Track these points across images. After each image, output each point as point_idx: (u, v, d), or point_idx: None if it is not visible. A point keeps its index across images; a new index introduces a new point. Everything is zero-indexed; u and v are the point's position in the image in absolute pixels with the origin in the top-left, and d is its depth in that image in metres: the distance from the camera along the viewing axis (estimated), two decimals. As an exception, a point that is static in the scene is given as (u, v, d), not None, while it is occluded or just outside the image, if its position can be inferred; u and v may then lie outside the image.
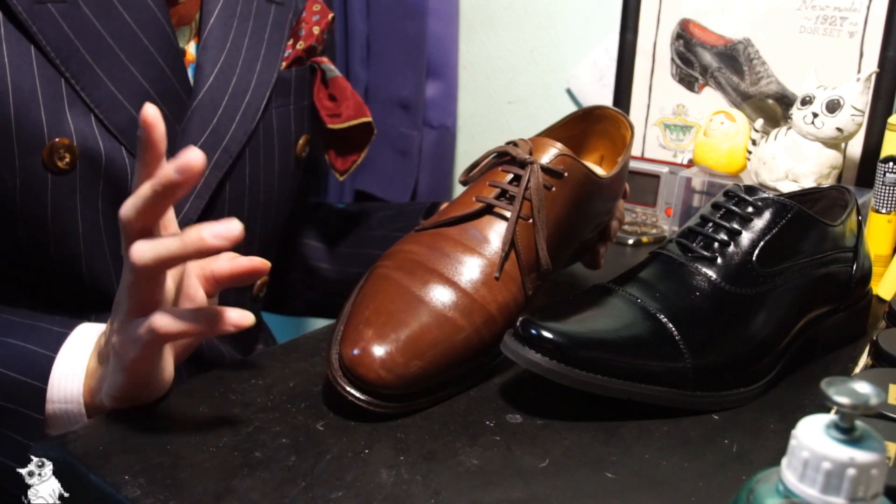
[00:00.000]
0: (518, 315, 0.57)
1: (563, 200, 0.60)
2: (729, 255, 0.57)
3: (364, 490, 0.46)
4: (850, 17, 0.92)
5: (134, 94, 0.62)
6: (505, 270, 0.57)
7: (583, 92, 1.18)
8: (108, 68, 0.61)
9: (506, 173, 0.60)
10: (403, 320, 0.53)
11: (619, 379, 0.52)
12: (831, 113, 0.82)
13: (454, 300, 0.55)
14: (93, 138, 0.61)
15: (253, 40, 0.70)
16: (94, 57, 0.60)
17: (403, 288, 0.55)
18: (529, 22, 1.23)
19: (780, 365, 0.59)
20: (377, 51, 1.31)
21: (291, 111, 0.75)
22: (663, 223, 0.99)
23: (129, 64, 0.62)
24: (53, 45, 0.58)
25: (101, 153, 0.61)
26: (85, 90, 0.60)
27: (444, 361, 0.53)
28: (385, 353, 0.51)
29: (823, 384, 0.31)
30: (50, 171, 0.60)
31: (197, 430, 0.51)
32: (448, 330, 0.54)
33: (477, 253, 0.57)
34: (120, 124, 0.62)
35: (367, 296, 0.55)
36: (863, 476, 0.30)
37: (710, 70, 1.03)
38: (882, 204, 0.80)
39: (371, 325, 0.52)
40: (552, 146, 0.60)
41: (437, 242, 0.58)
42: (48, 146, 0.59)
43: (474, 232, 0.58)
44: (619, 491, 0.46)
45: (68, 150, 0.59)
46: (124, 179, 0.63)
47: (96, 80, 0.60)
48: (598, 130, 0.72)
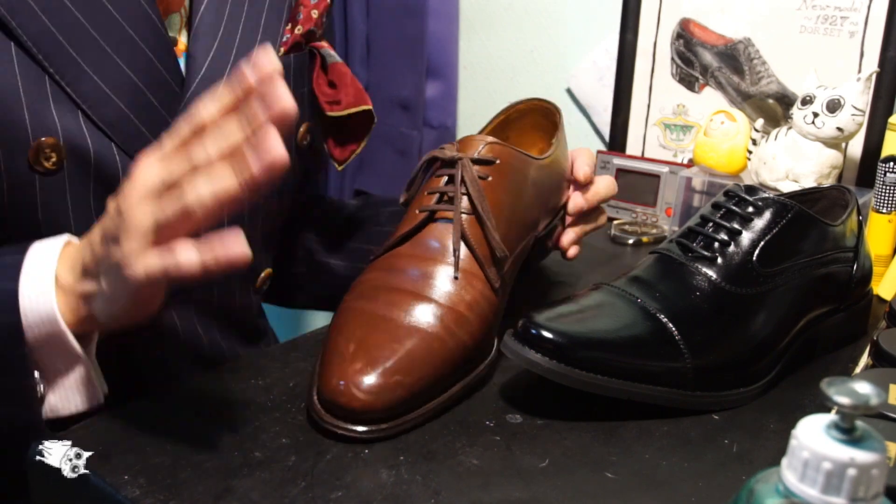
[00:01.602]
0: (491, 310, 0.57)
1: (503, 187, 0.60)
2: (729, 255, 0.57)
3: (364, 490, 0.45)
4: (850, 16, 0.92)
5: (122, 87, 0.60)
6: (463, 269, 0.57)
7: (583, 92, 1.18)
8: (93, 62, 0.59)
9: (440, 177, 0.60)
10: (374, 342, 0.52)
11: (619, 379, 0.52)
12: (832, 113, 0.82)
13: (421, 309, 0.54)
14: (80, 135, 0.59)
15: (248, 26, 0.69)
16: (79, 51, 0.58)
17: (368, 313, 0.54)
18: (529, 22, 1.23)
19: (781, 365, 0.59)
20: (377, 51, 1.31)
21: None
22: (663, 223, 0.99)
23: (116, 56, 0.60)
24: (35, 40, 0.57)
25: (90, 150, 0.60)
26: (70, 86, 0.58)
27: (425, 369, 0.52)
28: (362, 378, 0.50)
29: (824, 384, 0.30)
30: (37, 173, 0.58)
31: (197, 429, 0.51)
32: (421, 338, 0.53)
33: (432, 261, 0.57)
34: (108, 119, 0.60)
35: (335, 331, 0.55)
36: (863, 476, 0.30)
37: (711, 70, 1.03)
38: (882, 204, 0.80)
39: (343, 356, 0.52)
40: (478, 140, 0.61)
41: (393, 263, 0.58)
42: (34, 146, 0.57)
43: (425, 242, 0.58)
44: (619, 491, 0.46)
45: (54, 150, 0.58)
46: (115, 177, 0.61)
47: (82, 75, 0.59)
48: (529, 124, 0.72)
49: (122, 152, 0.61)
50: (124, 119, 0.60)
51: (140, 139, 0.61)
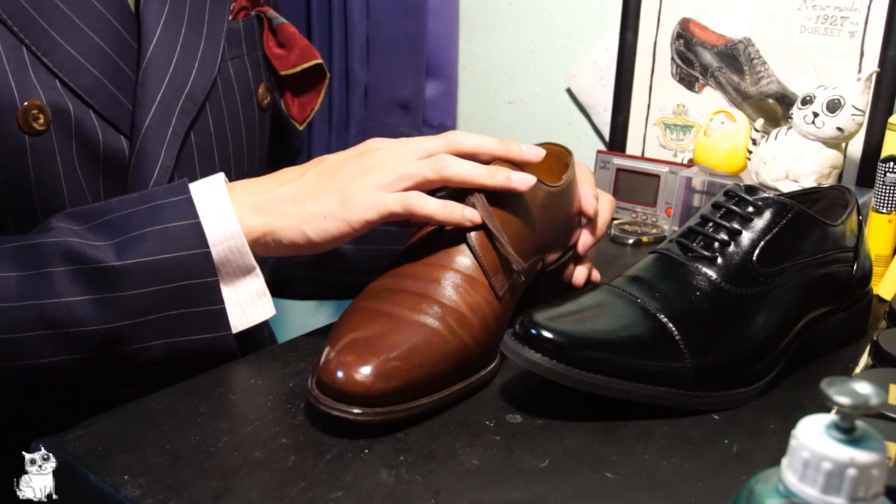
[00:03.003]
0: (494, 316, 0.58)
1: (510, 206, 0.61)
2: (729, 255, 0.57)
3: (364, 490, 0.45)
4: (850, 16, 0.92)
5: (94, 54, 0.63)
6: (469, 276, 0.58)
7: (583, 92, 1.18)
8: (64, 33, 0.62)
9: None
10: (376, 333, 0.53)
11: (619, 379, 0.52)
12: (832, 113, 0.82)
13: (423, 307, 0.55)
14: (62, 100, 0.62)
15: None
16: (50, 23, 0.61)
17: (373, 310, 0.55)
18: (529, 22, 1.23)
19: (781, 365, 0.59)
20: (377, 51, 1.31)
21: (246, 61, 0.76)
22: (663, 223, 0.99)
23: (85, 26, 0.63)
24: (9, 13, 0.60)
25: (71, 114, 0.62)
26: (46, 55, 0.61)
27: (423, 361, 0.52)
28: (360, 361, 0.50)
29: (824, 384, 0.30)
30: (27, 133, 0.61)
31: (197, 430, 0.51)
32: (422, 332, 0.53)
33: (440, 267, 0.58)
34: (85, 85, 0.63)
35: (338, 325, 0.56)
36: (863, 476, 0.30)
37: (711, 70, 1.03)
38: (882, 204, 0.80)
39: (343, 344, 0.52)
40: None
41: (401, 270, 0.59)
42: (21, 109, 0.60)
43: (434, 251, 0.59)
44: (619, 491, 0.46)
45: (41, 111, 0.61)
46: (95, 141, 0.64)
47: (56, 45, 0.62)
48: (543, 167, 0.73)
49: (100, 117, 0.64)
50: (100, 86, 0.64)
51: (116, 104, 0.65)
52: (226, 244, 0.58)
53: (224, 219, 0.58)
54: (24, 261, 0.55)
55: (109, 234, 0.56)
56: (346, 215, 0.58)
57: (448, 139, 0.62)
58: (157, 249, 0.56)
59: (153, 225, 0.57)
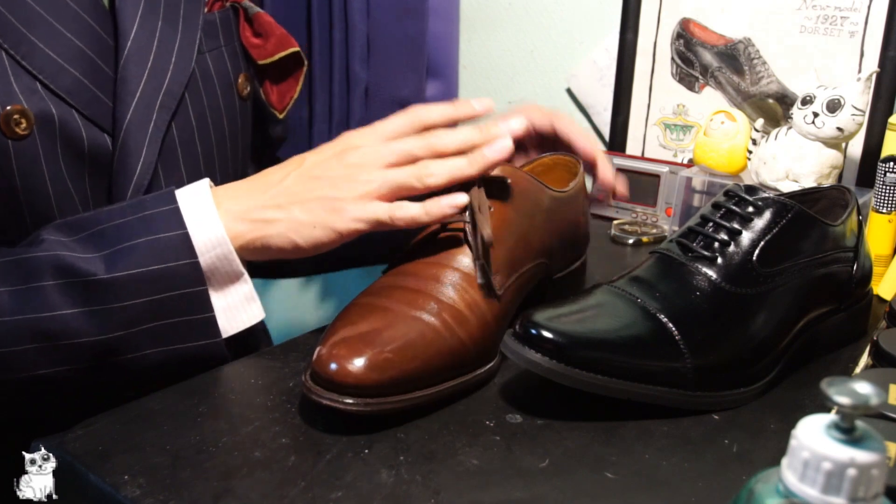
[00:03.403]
0: (492, 314, 0.58)
1: (513, 207, 0.62)
2: (729, 255, 0.57)
3: (364, 490, 0.45)
4: (850, 16, 0.92)
5: (73, 55, 0.64)
6: (468, 275, 0.58)
7: (583, 92, 1.18)
8: (42, 36, 0.62)
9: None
10: (372, 326, 0.53)
11: (619, 379, 0.52)
12: (832, 113, 0.82)
13: (420, 303, 0.55)
14: (44, 104, 0.62)
15: None
16: (27, 27, 0.62)
17: (371, 305, 0.56)
18: (529, 22, 1.23)
19: (781, 365, 0.59)
20: (377, 51, 1.31)
21: (224, 52, 0.76)
22: (663, 223, 0.99)
23: (62, 28, 0.63)
24: None
25: (55, 117, 0.63)
26: (26, 59, 0.61)
27: (418, 355, 0.53)
28: (354, 352, 0.51)
29: (824, 384, 0.30)
30: (10, 139, 0.61)
31: (197, 430, 0.51)
32: (418, 327, 0.54)
33: (439, 266, 0.58)
34: (66, 87, 0.63)
35: (336, 320, 0.56)
36: (863, 476, 0.30)
37: (711, 70, 1.03)
38: (882, 204, 0.80)
39: (339, 336, 0.53)
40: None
41: (402, 269, 0.60)
42: (3, 115, 0.60)
43: (434, 251, 0.60)
44: (619, 491, 0.46)
45: (23, 115, 0.61)
46: (80, 141, 0.64)
47: (34, 49, 0.62)
48: (552, 177, 0.73)
49: (83, 117, 0.64)
50: (81, 86, 0.64)
51: (97, 103, 0.65)
52: (213, 252, 0.58)
53: (211, 227, 0.59)
54: (15, 275, 0.56)
55: (99, 246, 0.57)
56: (336, 225, 0.58)
57: (413, 120, 0.64)
58: (146, 261, 0.56)
59: (142, 236, 0.57)
